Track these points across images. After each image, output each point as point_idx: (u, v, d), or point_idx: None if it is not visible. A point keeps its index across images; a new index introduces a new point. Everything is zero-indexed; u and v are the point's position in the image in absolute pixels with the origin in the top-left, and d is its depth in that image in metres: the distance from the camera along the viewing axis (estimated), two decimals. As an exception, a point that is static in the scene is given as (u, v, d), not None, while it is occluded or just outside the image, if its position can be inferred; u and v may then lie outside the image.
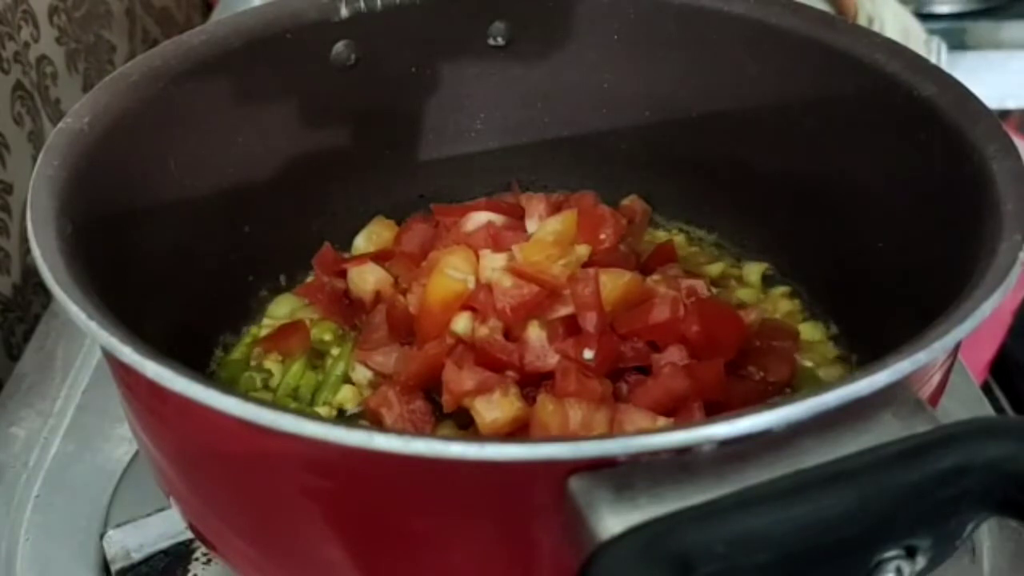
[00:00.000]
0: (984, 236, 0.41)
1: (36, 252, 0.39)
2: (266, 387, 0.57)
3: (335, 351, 0.59)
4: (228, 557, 0.43)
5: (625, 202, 0.66)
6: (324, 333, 0.60)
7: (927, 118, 0.48)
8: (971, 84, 0.48)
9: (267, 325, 0.61)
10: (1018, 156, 0.43)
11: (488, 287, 0.54)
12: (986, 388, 1.12)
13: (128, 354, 0.35)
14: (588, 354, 0.51)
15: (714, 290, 0.60)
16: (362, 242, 0.65)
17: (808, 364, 0.57)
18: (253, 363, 0.58)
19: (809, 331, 0.58)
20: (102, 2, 0.93)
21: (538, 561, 0.34)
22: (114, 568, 0.52)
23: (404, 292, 0.57)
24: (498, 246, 0.57)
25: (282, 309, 0.62)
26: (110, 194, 0.48)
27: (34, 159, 0.45)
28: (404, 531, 0.35)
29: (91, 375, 0.66)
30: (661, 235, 0.66)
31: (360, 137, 0.63)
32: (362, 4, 0.59)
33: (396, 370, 0.54)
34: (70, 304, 0.37)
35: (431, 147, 0.66)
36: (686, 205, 0.66)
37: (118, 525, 0.54)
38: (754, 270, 0.63)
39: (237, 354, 0.59)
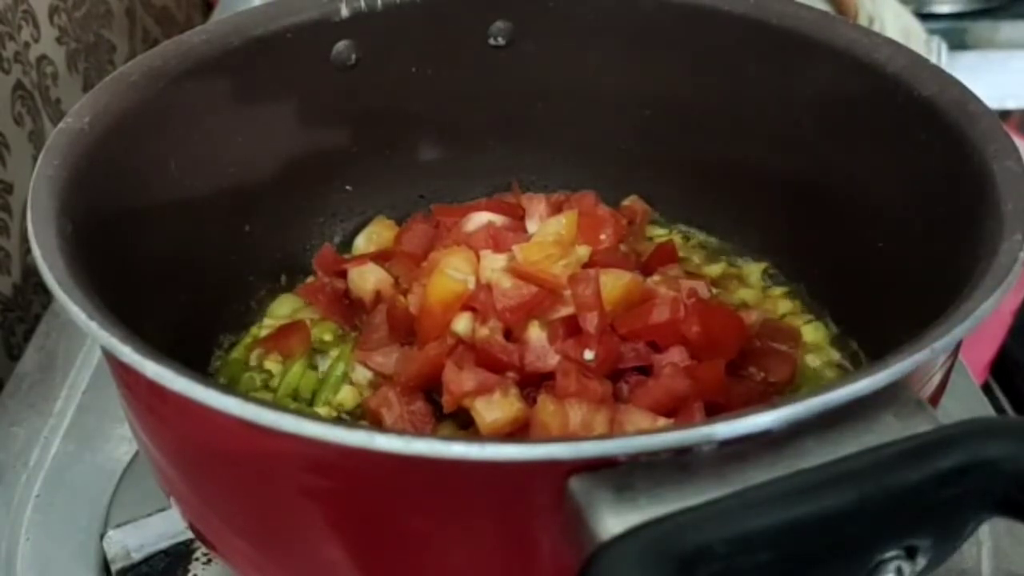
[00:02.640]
0: (984, 236, 0.41)
1: (36, 252, 0.39)
2: (266, 387, 0.57)
3: (335, 351, 0.58)
4: (228, 557, 0.43)
5: (625, 202, 0.66)
6: (324, 333, 0.60)
7: (927, 118, 0.48)
8: (971, 84, 0.48)
9: (267, 325, 0.61)
10: (1018, 156, 0.43)
11: (488, 287, 0.54)
12: (987, 388, 1.12)
13: (128, 354, 0.35)
14: (588, 355, 0.51)
15: (714, 290, 0.60)
16: (362, 242, 0.65)
17: (809, 364, 0.57)
18: (253, 363, 0.58)
19: (810, 332, 0.58)
20: (102, 2, 0.93)
21: (538, 561, 0.34)
22: (114, 568, 0.52)
23: (404, 292, 0.57)
24: (498, 246, 0.57)
25: (282, 309, 0.62)
26: (110, 194, 0.48)
27: (34, 159, 0.45)
28: (404, 531, 0.35)
29: (91, 375, 0.66)
30: (661, 234, 0.66)
31: (360, 137, 0.63)
32: (362, 3, 0.59)
33: (396, 371, 0.54)
34: (70, 304, 0.37)
35: (431, 147, 0.66)
36: (686, 205, 0.66)
37: (118, 525, 0.54)
38: (754, 270, 0.63)
39: (237, 354, 0.59)
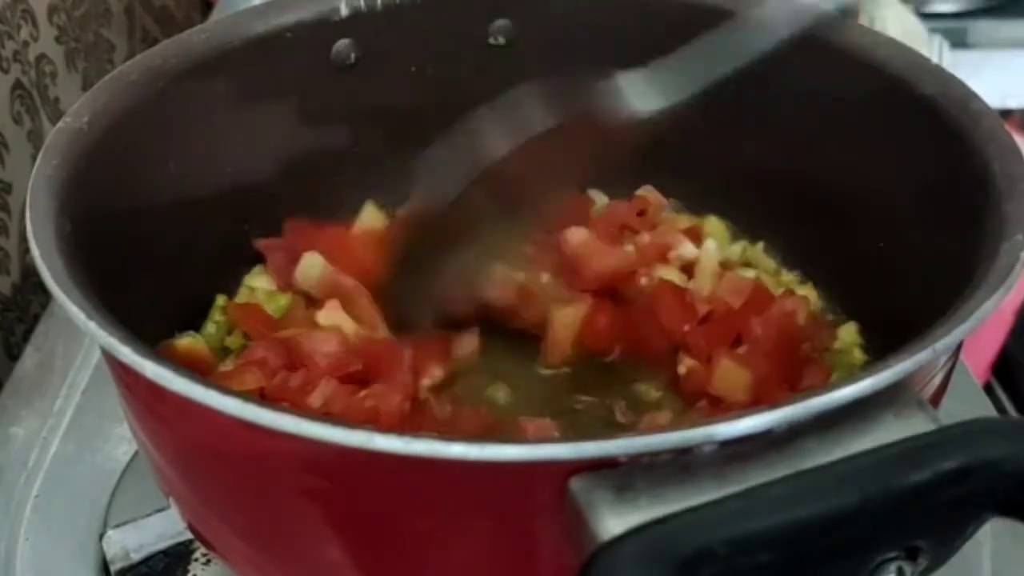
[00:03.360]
0: (986, 236, 0.41)
1: (35, 251, 0.39)
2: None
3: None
4: (227, 557, 0.43)
5: (639, 192, 0.65)
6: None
7: (928, 117, 0.48)
8: (972, 83, 0.48)
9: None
10: (1020, 155, 0.43)
11: None
12: (988, 388, 1.11)
13: (127, 354, 0.35)
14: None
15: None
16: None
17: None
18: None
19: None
20: (101, 1, 0.93)
21: (538, 561, 0.34)
22: (113, 568, 0.52)
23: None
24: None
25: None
26: (109, 193, 0.48)
27: (33, 158, 0.45)
28: (404, 531, 0.35)
29: (91, 375, 0.65)
30: (684, 221, 0.64)
31: (360, 137, 0.63)
32: (362, 3, 0.59)
33: None
34: (69, 304, 0.37)
35: (431, 147, 0.66)
36: (685, 206, 0.66)
37: (117, 525, 0.54)
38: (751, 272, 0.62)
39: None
